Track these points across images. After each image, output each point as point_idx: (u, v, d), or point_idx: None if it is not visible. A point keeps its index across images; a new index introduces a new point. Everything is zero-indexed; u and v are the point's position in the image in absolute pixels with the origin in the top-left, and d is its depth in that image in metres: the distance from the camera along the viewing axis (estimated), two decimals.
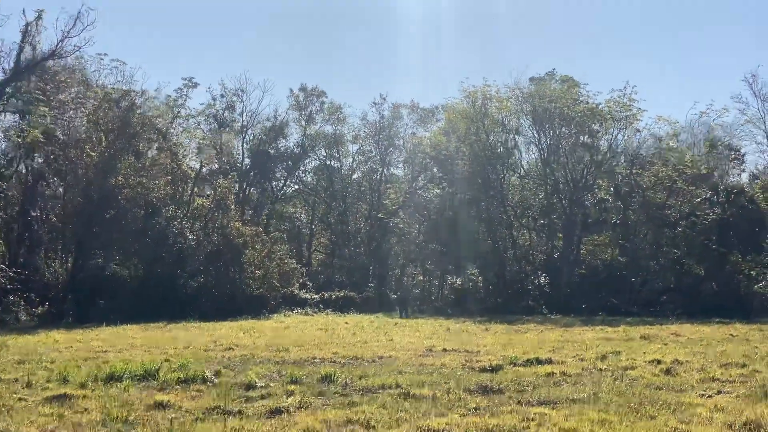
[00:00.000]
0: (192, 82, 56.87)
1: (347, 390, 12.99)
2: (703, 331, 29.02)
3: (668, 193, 48.92)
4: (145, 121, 41.24)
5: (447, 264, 56.16)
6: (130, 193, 39.70)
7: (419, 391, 12.33)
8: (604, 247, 51.68)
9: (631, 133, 51.74)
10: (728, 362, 16.96)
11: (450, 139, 54.90)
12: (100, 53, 49.43)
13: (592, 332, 28.60)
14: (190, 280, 42.36)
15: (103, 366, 15.71)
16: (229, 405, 11.13)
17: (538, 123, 51.17)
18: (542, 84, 52.34)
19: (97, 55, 49.14)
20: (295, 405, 11.17)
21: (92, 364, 16.94)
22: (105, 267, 41.52)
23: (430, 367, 16.32)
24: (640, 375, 14.89)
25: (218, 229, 44.70)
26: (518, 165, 54.79)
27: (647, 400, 11.69)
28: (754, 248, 45.09)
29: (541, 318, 40.17)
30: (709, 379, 14.30)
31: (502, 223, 52.70)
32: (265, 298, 44.42)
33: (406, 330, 30.24)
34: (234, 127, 65.74)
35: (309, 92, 68.22)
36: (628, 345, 22.08)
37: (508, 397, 12.05)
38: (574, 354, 18.97)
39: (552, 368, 15.74)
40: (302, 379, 14.07)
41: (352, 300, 49.55)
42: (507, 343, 23.12)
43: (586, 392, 12.46)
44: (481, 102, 51.98)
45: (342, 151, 69.18)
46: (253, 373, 14.14)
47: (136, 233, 41.44)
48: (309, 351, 20.09)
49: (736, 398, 12.01)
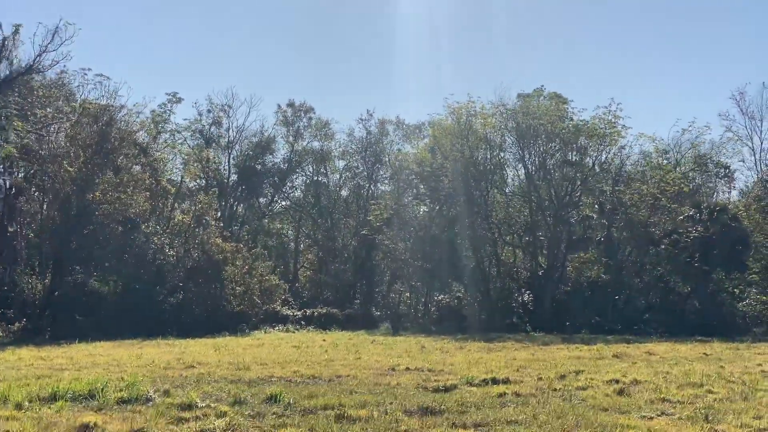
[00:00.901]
0: (176, 97, 56.76)
1: (288, 411, 12.76)
2: (678, 350, 28.82)
3: (651, 210, 48.76)
4: (124, 136, 41.02)
5: (433, 281, 55.89)
6: (108, 208, 39.44)
7: (356, 413, 12.10)
8: (590, 265, 51.47)
9: (616, 150, 51.69)
10: (687, 382, 16.79)
11: (435, 156, 54.75)
12: (84, 68, 49.32)
13: (567, 351, 28.34)
14: (169, 296, 42.06)
15: (48, 385, 15.44)
16: (154, 427, 10.88)
17: (522, 139, 51.00)
18: (528, 100, 52.19)
19: (81, 69, 49.13)
20: (223, 427, 10.94)
21: (43, 383, 16.66)
22: (84, 283, 41.19)
23: (384, 387, 16.09)
24: (592, 395, 14.68)
25: (198, 245, 44.46)
26: (503, 182, 54.58)
27: (585, 422, 11.48)
28: (737, 266, 44.91)
29: (522, 336, 39.85)
30: (660, 400, 14.11)
31: (486, 240, 52.46)
32: (245, 314, 44.12)
33: (379, 348, 29.95)
34: (220, 143, 65.67)
35: (297, 108, 68.31)
36: (596, 364, 21.88)
37: (445, 419, 11.83)
38: (536, 373, 18.73)
39: (506, 388, 15.54)
40: (246, 400, 13.84)
41: (335, 317, 49.23)
42: (475, 361, 22.88)
43: (527, 414, 12.24)
44: (465, 118, 51.88)
45: (329, 167, 69.16)
46: (195, 394, 13.89)
47: (115, 249, 41.16)
48: (270, 370, 19.85)
49: (678, 420, 11.81)
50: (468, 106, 51.62)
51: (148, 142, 46.54)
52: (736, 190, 60.19)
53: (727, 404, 13.49)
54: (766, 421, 11.60)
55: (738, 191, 60.77)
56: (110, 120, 40.45)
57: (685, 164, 53.52)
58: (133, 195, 40.91)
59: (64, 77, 48.08)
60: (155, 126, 54.42)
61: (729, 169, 59.86)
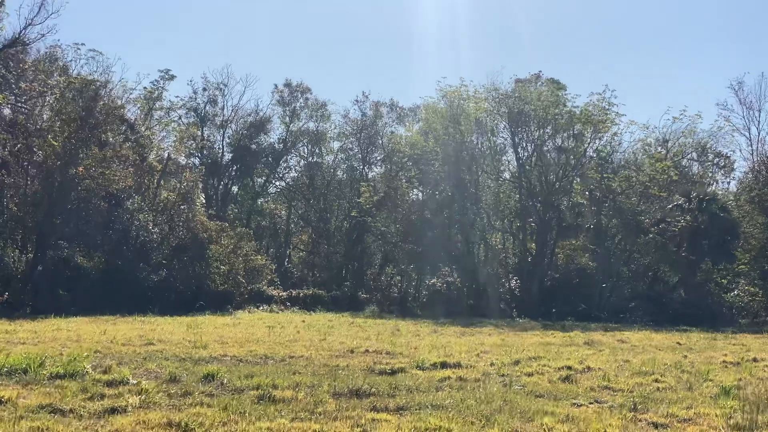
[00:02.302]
0: (169, 75, 56.56)
1: (218, 390, 12.56)
2: (652, 339, 28.57)
3: (640, 198, 48.45)
4: (109, 111, 40.77)
5: (423, 265, 55.69)
6: (90, 184, 39.23)
7: (281, 394, 11.90)
8: (580, 252, 51.23)
9: (609, 138, 51.31)
10: (640, 371, 16.56)
11: (428, 140, 54.44)
12: (77, 43, 49.21)
13: (540, 337, 28.12)
14: (153, 273, 41.86)
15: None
16: (66, 403, 10.69)
17: (513, 125, 50.60)
18: (524, 85, 51.72)
19: (74, 44, 48.98)
20: (136, 404, 10.75)
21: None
22: (67, 258, 41.08)
23: (331, 369, 15.89)
24: (536, 381, 14.48)
25: (184, 223, 44.29)
26: (494, 167, 54.21)
27: (510, 407, 11.27)
28: (725, 257, 44.67)
29: (505, 322, 39.65)
30: (602, 387, 13.90)
31: (475, 225, 52.22)
32: (230, 294, 43.99)
33: (353, 330, 29.79)
34: (215, 122, 65.43)
35: (294, 88, 67.95)
36: (559, 351, 21.67)
37: (370, 402, 11.61)
38: (493, 359, 18.51)
39: (453, 373, 15.32)
40: (182, 378, 13.65)
41: (320, 299, 49.13)
42: (441, 346, 22.62)
43: (456, 398, 12.04)
44: (457, 102, 51.53)
45: (325, 148, 68.88)
46: (128, 370, 13.72)
47: (99, 225, 40.99)
48: (227, 349, 19.67)
49: (607, 408, 11.60)
50: (460, 90, 51.27)
51: (136, 118, 46.28)
52: (735, 180, 59.84)
53: (666, 393, 13.28)
54: (693, 411, 11.37)
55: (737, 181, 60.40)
56: (95, 95, 40.18)
57: (676, 153, 53.07)
58: (118, 171, 40.69)
59: (57, 52, 48.01)
60: (147, 103, 54.22)
61: (728, 159, 59.46)
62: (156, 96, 56.07)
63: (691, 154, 55.52)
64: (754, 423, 10.44)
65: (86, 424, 9.55)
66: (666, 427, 10.21)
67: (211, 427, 9.38)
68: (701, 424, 10.45)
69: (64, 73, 45.52)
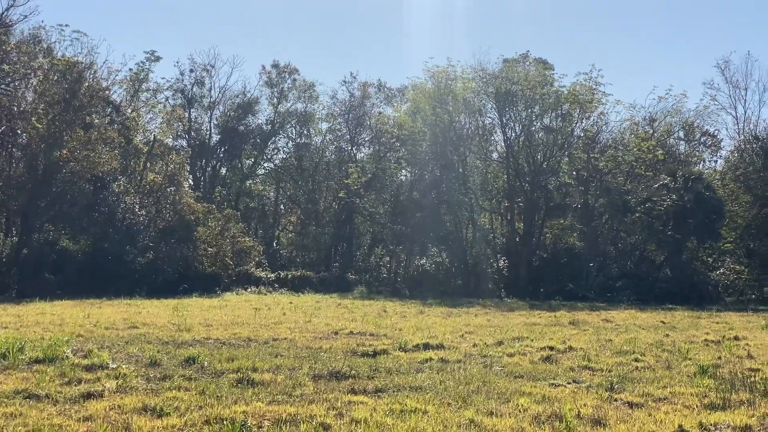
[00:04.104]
0: (154, 56, 56.18)
1: (198, 373, 12.55)
2: (637, 318, 28.77)
3: (627, 178, 48.53)
4: (93, 93, 40.51)
5: (412, 245, 55.72)
6: (75, 166, 39.03)
7: (260, 377, 11.92)
8: (569, 232, 51.32)
9: (596, 117, 51.31)
10: (621, 350, 16.64)
11: (415, 120, 54.29)
12: (61, 24, 48.89)
13: (525, 317, 28.23)
14: (139, 256, 41.79)
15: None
16: (42, 388, 10.67)
17: (501, 105, 50.48)
18: (512, 65, 51.51)
19: (58, 25, 48.66)
20: (112, 389, 10.75)
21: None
22: (52, 241, 41.02)
23: (313, 351, 15.90)
24: (517, 362, 14.53)
25: (170, 205, 44.18)
26: (482, 147, 54.11)
27: (487, 388, 11.31)
28: (711, 235, 44.81)
29: (493, 302, 39.75)
30: (582, 367, 13.97)
31: (463, 206, 52.22)
32: (218, 276, 44.02)
33: (339, 311, 29.85)
34: (203, 103, 65.15)
35: (281, 69, 67.64)
36: (543, 331, 21.76)
37: (349, 384, 11.63)
38: (477, 340, 18.55)
39: (435, 354, 15.37)
40: (162, 361, 13.65)
41: (308, 280, 49.08)
42: (426, 327, 22.71)
43: (435, 379, 12.08)
44: (444, 83, 51.38)
45: (313, 129, 68.69)
46: (107, 354, 13.71)
47: (85, 208, 40.84)
48: (210, 331, 19.69)
49: (585, 388, 11.65)
50: (447, 70, 51.14)
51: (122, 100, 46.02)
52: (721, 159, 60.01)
53: (645, 373, 13.34)
54: (669, 390, 11.43)
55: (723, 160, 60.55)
56: (80, 77, 39.92)
57: (662, 132, 53.09)
58: (103, 153, 40.49)
59: (41, 33, 47.63)
60: (133, 84, 53.92)
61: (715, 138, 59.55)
62: (142, 78, 55.77)
63: (678, 133, 55.57)
64: (727, 401, 10.50)
65: (61, 408, 9.54)
66: (641, 407, 10.25)
67: (186, 411, 9.37)
68: (676, 403, 10.50)
69: (48, 54, 45.15)
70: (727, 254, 47.72)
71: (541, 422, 9.05)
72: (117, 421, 8.83)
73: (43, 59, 41.22)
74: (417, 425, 8.68)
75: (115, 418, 9.00)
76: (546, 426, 8.85)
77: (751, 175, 47.87)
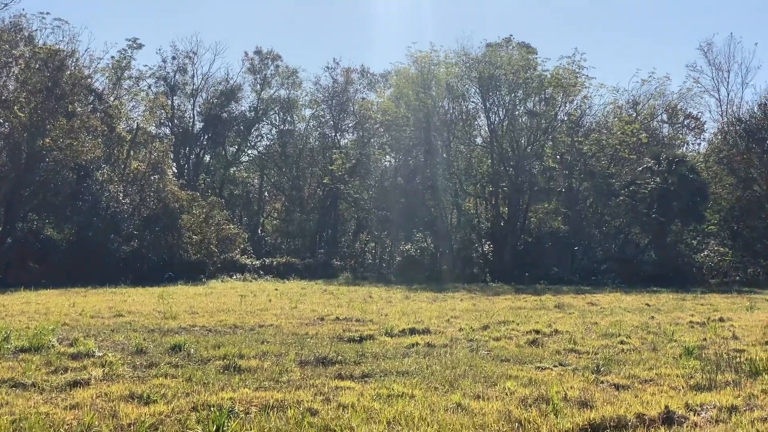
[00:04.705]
0: (137, 43, 55.86)
1: (184, 361, 12.52)
2: (622, 301, 28.88)
3: (611, 161, 48.67)
4: (76, 81, 40.24)
5: (397, 231, 55.74)
6: (59, 155, 38.82)
7: (246, 363, 11.91)
8: (554, 215, 51.48)
9: (579, 101, 51.39)
10: (606, 333, 16.73)
11: (399, 106, 54.21)
12: (42, 12, 48.48)
13: (511, 301, 28.32)
14: (124, 244, 41.66)
15: None
16: (28, 377, 10.63)
17: (484, 89, 50.46)
18: (495, 49, 51.45)
19: (39, 13, 48.24)
20: (99, 377, 10.72)
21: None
22: (37, 230, 40.81)
23: (299, 337, 15.91)
24: (503, 346, 14.57)
25: (155, 193, 44.03)
26: (465, 132, 54.10)
27: (474, 372, 11.35)
28: (695, 218, 45.03)
29: (478, 286, 39.84)
30: (568, 350, 14.02)
31: (447, 191, 52.24)
32: (203, 263, 43.92)
33: (325, 297, 29.83)
34: (185, 90, 64.84)
35: (264, 55, 67.44)
36: (529, 314, 21.84)
37: (335, 370, 11.66)
38: (463, 324, 18.58)
39: (421, 339, 15.38)
40: (148, 349, 13.61)
41: (294, 267, 49.06)
42: (411, 312, 22.75)
43: (422, 364, 12.10)
44: (428, 68, 51.31)
45: (297, 115, 68.53)
46: (93, 343, 13.67)
47: (68, 196, 40.66)
48: (196, 319, 19.64)
49: (571, 370, 11.70)
50: (430, 55, 51.05)
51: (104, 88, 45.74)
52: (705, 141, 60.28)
53: (631, 355, 13.41)
54: (655, 372, 11.49)
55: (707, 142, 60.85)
56: (61, 65, 39.64)
57: (646, 115, 53.25)
58: (86, 141, 40.26)
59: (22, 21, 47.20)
60: (115, 72, 53.59)
61: (698, 120, 59.85)
62: (124, 65, 55.47)
63: (661, 116, 55.82)
64: (713, 382, 10.57)
65: (47, 397, 9.51)
66: (627, 388, 10.30)
67: (173, 398, 9.35)
68: (662, 384, 10.56)
69: (30, 43, 44.76)
70: (711, 236, 47.97)
71: (527, 405, 9.08)
72: (104, 408, 8.80)
73: (25, 47, 40.89)
74: (404, 409, 8.69)
75: (102, 405, 8.97)
76: (533, 408, 8.87)
77: (734, 157, 48.07)
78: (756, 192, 47.37)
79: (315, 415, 8.52)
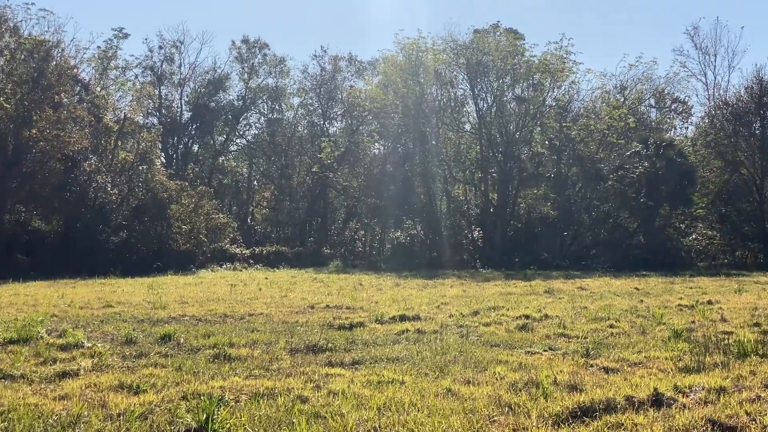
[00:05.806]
0: (122, 33, 55.59)
1: (174, 350, 12.50)
2: (611, 285, 28.99)
3: (599, 146, 48.75)
4: (62, 71, 40.03)
5: (386, 218, 55.74)
6: (45, 146, 38.64)
7: (237, 352, 11.89)
8: (543, 201, 51.56)
9: (567, 86, 51.43)
10: (595, 317, 16.79)
11: (387, 93, 54.12)
12: (27, 2, 48.07)
13: (501, 287, 28.36)
14: (113, 235, 41.56)
15: None
16: (18, 368, 10.59)
17: (472, 76, 50.44)
18: (482, 36, 51.42)
19: (24, 3, 47.91)
20: (88, 368, 10.68)
21: None
22: (24, 222, 40.65)
23: (290, 325, 15.88)
24: (493, 331, 14.59)
25: (143, 183, 43.91)
26: (454, 118, 54.09)
27: (464, 358, 11.37)
28: (683, 202, 45.20)
29: (468, 273, 39.89)
30: (558, 335, 14.05)
31: (437, 178, 52.26)
32: (192, 253, 43.87)
33: (315, 286, 29.81)
34: (173, 80, 64.58)
35: (251, 44, 67.16)
36: (519, 300, 21.89)
37: (326, 357, 11.65)
38: (453, 310, 18.61)
39: (411, 325, 15.37)
40: (138, 339, 13.56)
41: (284, 255, 49.04)
42: (402, 299, 22.76)
43: (412, 350, 12.11)
44: (416, 55, 51.21)
45: (285, 104, 68.36)
46: (82, 333, 13.62)
47: (56, 187, 40.48)
48: (186, 308, 19.59)
49: (561, 355, 11.73)
50: (418, 42, 50.94)
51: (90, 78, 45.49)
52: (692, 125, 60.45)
53: (620, 339, 13.45)
54: (644, 355, 11.53)
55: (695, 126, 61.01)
56: (47, 55, 39.41)
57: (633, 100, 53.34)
58: (73, 132, 40.08)
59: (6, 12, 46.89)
60: (101, 62, 53.33)
61: (686, 104, 59.94)
62: (110, 55, 55.24)
63: (649, 101, 55.90)
64: (701, 364, 10.61)
65: (36, 388, 9.47)
66: (617, 372, 10.32)
67: (163, 387, 9.33)
68: (651, 367, 10.60)
69: (15, 33, 44.45)
70: (699, 220, 48.17)
71: (518, 389, 9.10)
72: (93, 399, 8.77)
73: (10, 38, 40.61)
74: (394, 395, 8.70)
75: (92, 396, 8.94)
76: (523, 393, 8.89)
77: (721, 141, 48.22)
78: (743, 175, 47.58)
79: (305, 403, 8.52)
